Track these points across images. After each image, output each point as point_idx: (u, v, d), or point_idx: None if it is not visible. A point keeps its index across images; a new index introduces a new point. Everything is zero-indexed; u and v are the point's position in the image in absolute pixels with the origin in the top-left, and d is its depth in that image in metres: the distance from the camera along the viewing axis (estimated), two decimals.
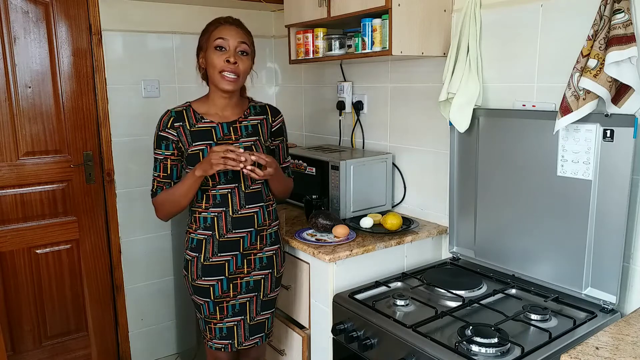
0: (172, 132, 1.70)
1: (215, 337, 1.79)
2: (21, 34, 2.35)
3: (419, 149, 2.21)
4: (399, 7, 1.81)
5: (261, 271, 1.81)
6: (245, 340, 1.82)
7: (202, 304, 1.78)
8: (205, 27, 1.75)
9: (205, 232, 1.73)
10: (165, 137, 1.70)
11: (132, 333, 2.83)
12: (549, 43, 1.67)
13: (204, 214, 1.73)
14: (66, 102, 2.50)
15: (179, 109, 1.74)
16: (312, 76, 2.82)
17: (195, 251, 1.75)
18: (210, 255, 1.74)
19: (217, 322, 1.78)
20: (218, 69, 1.67)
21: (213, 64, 1.67)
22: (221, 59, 1.66)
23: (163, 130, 1.70)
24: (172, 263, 2.89)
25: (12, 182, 2.42)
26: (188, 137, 1.70)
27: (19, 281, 2.49)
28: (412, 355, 1.41)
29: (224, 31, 1.68)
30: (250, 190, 1.75)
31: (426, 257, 2.09)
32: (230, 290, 1.76)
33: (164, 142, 1.70)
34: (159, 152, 1.72)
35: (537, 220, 1.70)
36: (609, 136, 1.48)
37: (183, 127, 1.70)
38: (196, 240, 1.75)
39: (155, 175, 1.73)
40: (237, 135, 1.74)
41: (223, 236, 1.73)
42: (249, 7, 2.80)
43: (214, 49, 1.68)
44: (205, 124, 1.72)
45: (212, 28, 1.71)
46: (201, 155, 1.69)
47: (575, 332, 1.42)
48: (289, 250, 2.02)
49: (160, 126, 1.71)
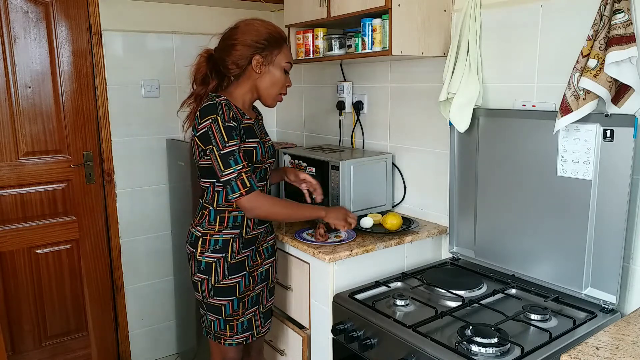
0: (234, 123, 1.62)
1: (237, 332, 1.79)
2: (21, 34, 2.35)
3: (419, 149, 2.21)
4: (399, 7, 1.81)
5: (269, 259, 1.88)
6: (262, 327, 1.87)
7: (225, 304, 1.75)
8: (275, 37, 1.70)
9: (233, 231, 1.73)
10: (233, 127, 1.60)
11: (132, 333, 2.83)
12: (549, 43, 1.67)
13: (235, 212, 1.73)
14: (66, 102, 2.50)
15: (224, 102, 1.64)
16: (312, 76, 2.82)
17: (220, 252, 1.72)
18: (236, 253, 1.74)
19: (240, 317, 1.79)
20: (280, 90, 1.76)
21: (278, 83, 1.74)
22: (284, 83, 1.75)
23: (229, 121, 1.60)
24: (172, 263, 2.89)
25: (12, 182, 2.42)
26: (242, 132, 1.66)
27: (19, 281, 2.49)
28: (412, 355, 1.41)
29: (290, 54, 1.76)
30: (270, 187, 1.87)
31: (426, 257, 2.09)
32: (251, 284, 1.79)
33: (234, 131, 1.60)
34: (232, 143, 1.59)
35: (537, 220, 1.70)
36: (609, 136, 1.48)
37: (236, 119, 1.65)
38: (222, 240, 1.72)
39: (240, 169, 1.58)
40: (263, 134, 1.82)
41: (249, 233, 1.76)
42: (249, 7, 2.80)
43: (283, 70, 1.73)
44: (247, 120, 1.71)
45: (283, 44, 1.73)
46: (255, 153, 1.68)
47: (575, 332, 1.42)
48: (288, 250, 2.02)
49: (225, 117, 1.60)
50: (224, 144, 1.58)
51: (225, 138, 1.58)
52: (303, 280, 1.97)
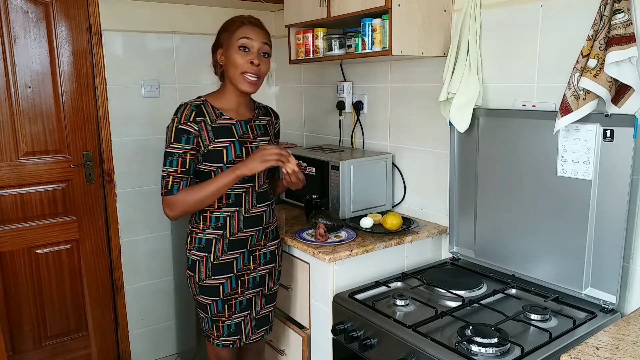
0: (194, 125, 1.64)
1: (223, 334, 1.79)
2: (21, 34, 2.35)
3: (419, 149, 2.21)
4: (399, 7, 1.81)
5: (266, 266, 1.84)
6: (252, 334, 1.84)
7: (210, 303, 1.76)
8: (225, 24, 1.71)
9: (216, 231, 1.72)
10: (186, 130, 1.63)
11: (132, 333, 2.83)
12: (549, 43, 1.68)
13: (216, 213, 1.72)
14: (66, 102, 2.50)
15: (197, 103, 1.68)
16: (312, 76, 2.82)
17: (203, 251, 1.73)
18: (219, 254, 1.73)
19: (226, 320, 1.78)
20: (241, 69, 1.65)
21: (236, 63, 1.65)
22: (245, 60, 1.65)
23: (184, 124, 1.63)
24: (172, 263, 2.89)
25: (12, 182, 2.42)
26: (210, 132, 1.66)
27: (19, 281, 2.49)
28: (412, 355, 1.41)
29: (249, 31, 1.66)
30: (262, 190, 1.78)
31: (426, 257, 2.09)
32: (239, 287, 1.77)
33: (185, 135, 1.63)
34: (177, 146, 1.63)
35: (537, 220, 1.70)
36: (609, 136, 1.48)
37: (205, 122, 1.66)
38: (205, 240, 1.73)
39: (171, 171, 1.63)
40: (254, 134, 1.76)
41: (234, 235, 1.73)
42: (249, 7, 2.80)
43: (238, 49, 1.65)
44: (225, 120, 1.70)
45: (235, 26, 1.68)
46: (225, 153, 1.66)
47: (575, 332, 1.42)
48: (288, 250, 2.02)
49: (182, 119, 1.63)
50: (169, 144, 1.64)
51: (172, 139, 1.64)
52: (303, 280, 1.97)
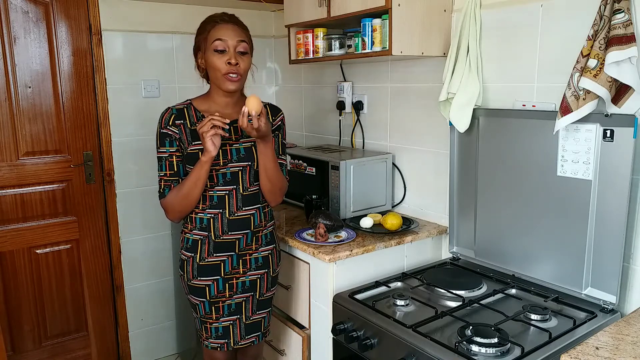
0: (174, 129, 1.68)
1: (211, 336, 1.79)
2: (21, 34, 2.35)
3: (419, 149, 2.21)
4: (399, 7, 1.81)
5: (257, 271, 1.80)
6: (241, 339, 1.82)
7: (198, 303, 1.77)
8: (200, 26, 1.72)
9: (201, 232, 1.73)
10: (167, 134, 1.68)
11: (132, 333, 2.83)
12: (549, 43, 1.68)
13: (200, 214, 1.72)
14: (66, 102, 2.50)
15: (179, 107, 1.73)
16: (312, 76, 2.82)
17: (190, 251, 1.75)
18: (205, 255, 1.73)
19: (213, 322, 1.78)
20: (221, 72, 1.65)
21: (214, 66, 1.65)
22: (222, 62, 1.64)
23: (165, 128, 1.68)
24: (172, 263, 2.89)
25: (12, 182, 2.42)
26: (188, 135, 1.69)
27: (19, 281, 2.49)
28: (412, 355, 1.41)
29: (222, 31, 1.65)
30: (248, 192, 1.74)
31: (426, 257, 2.09)
32: (226, 290, 1.76)
33: (167, 139, 1.68)
34: (162, 150, 1.68)
35: (537, 221, 1.70)
36: (609, 136, 1.48)
37: (184, 125, 1.69)
38: (191, 240, 1.74)
39: (162, 175, 1.69)
40: (237, 135, 1.73)
41: (219, 237, 1.73)
42: (249, 7, 2.80)
43: (214, 52, 1.65)
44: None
45: (208, 27, 1.68)
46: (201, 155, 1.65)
47: (575, 332, 1.42)
48: (288, 250, 2.02)
49: (162, 124, 1.69)
50: (157, 149, 1.71)
51: (158, 144, 1.70)
52: (303, 280, 1.97)
